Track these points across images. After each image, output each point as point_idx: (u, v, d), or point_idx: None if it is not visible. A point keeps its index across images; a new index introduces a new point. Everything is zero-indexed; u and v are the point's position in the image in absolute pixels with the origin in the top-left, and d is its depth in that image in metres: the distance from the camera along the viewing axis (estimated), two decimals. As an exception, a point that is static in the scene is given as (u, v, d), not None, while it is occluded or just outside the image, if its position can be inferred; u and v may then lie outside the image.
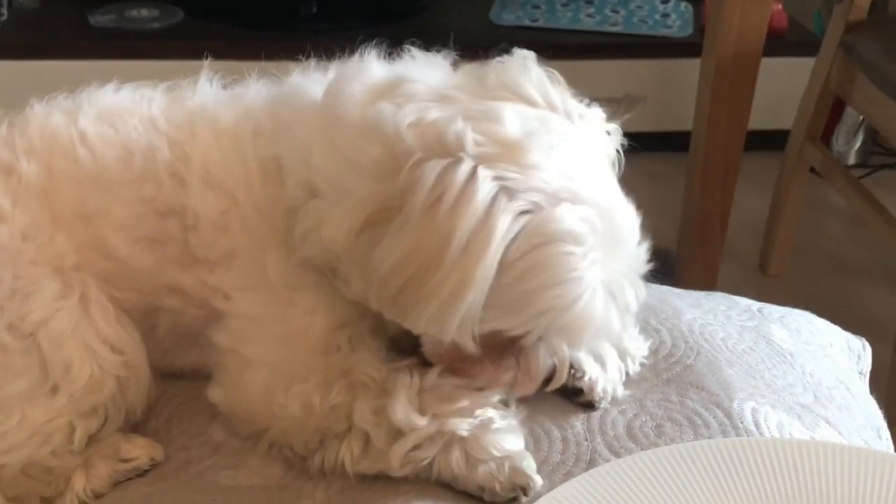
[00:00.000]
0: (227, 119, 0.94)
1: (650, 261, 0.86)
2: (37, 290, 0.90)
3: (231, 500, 0.87)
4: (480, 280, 0.76)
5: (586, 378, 0.93)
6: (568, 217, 0.78)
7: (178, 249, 0.93)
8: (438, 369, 0.87)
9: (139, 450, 0.93)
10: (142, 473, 0.92)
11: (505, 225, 0.76)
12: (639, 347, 0.98)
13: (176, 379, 1.00)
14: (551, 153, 0.80)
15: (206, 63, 1.00)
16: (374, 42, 0.92)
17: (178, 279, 0.93)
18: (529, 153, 0.79)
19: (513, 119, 0.80)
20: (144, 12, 2.74)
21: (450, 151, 0.78)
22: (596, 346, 0.92)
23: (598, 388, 0.93)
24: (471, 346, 0.81)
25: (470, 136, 0.78)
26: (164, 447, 0.94)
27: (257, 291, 0.90)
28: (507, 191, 0.77)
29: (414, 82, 0.85)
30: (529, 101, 0.84)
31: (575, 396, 0.93)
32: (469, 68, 0.89)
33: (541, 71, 0.87)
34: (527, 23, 2.81)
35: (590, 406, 0.93)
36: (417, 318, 0.80)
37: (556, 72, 0.88)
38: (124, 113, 0.97)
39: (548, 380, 0.88)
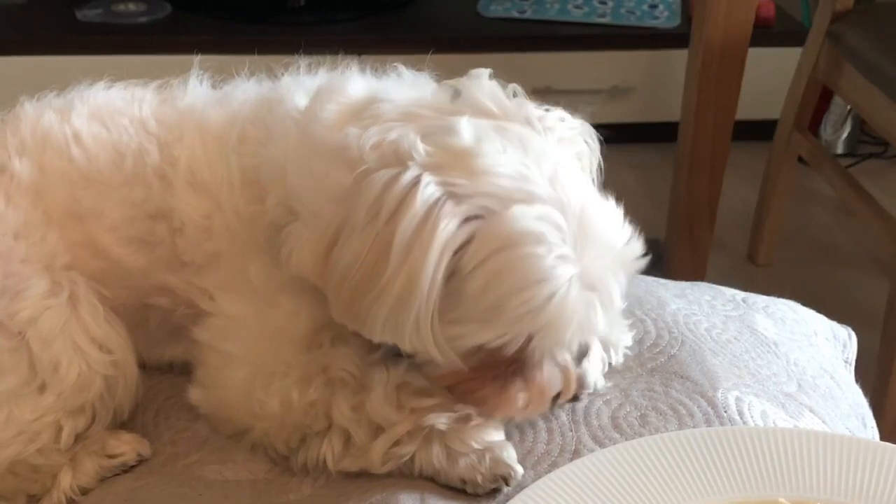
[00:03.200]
0: (214, 122, 0.94)
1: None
2: (26, 288, 0.90)
3: (218, 495, 0.87)
4: (425, 283, 0.76)
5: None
6: (523, 217, 0.77)
7: (167, 252, 0.93)
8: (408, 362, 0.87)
9: (126, 445, 0.93)
10: (128, 469, 0.93)
11: (449, 228, 0.76)
12: (622, 338, 0.98)
13: (163, 374, 1.01)
14: (503, 157, 0.79)
15: (196, 60, 1.00)
16: (358, 44, 0.91)
17: (168, 280, 0.93)
18: (479, 158, 0.78)
19: (466, 129, 0.80)
20: (132, 6, 2.73)
21: (400, 162, 0.78)
22: (585, 342, 0.89)
23: (590, 380, 0.93)
24: (456, 363, 0.81)
25: (420, 147, 0.78)
26: (150, 442, 0.94)
27: (241, 293, 0.90)
28: (452, 195, 0.77)
29: (383, 102, 0.85)
30: (486, 113, 0.84)
31: None
32: (443, 85, 0.89)
33: (493, 84, 0.87)
34: (515, 15, 2.81)
35: (573, 398, 0.93)
36: (372, 325, 0.79)
37: (517, 86, 0.88)
38: (116, 113, 0.97)
39: (557, 394, 0.87)
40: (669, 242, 2.29)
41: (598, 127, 0.92)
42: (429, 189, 0.76)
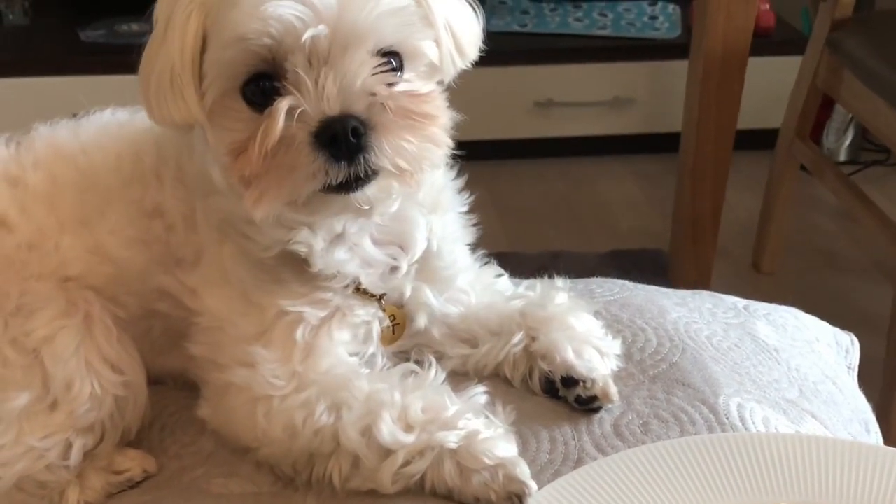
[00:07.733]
0: None
1: (642, 261, 0.85)
2: (42, 308, 0.91)
3: (223, 508, 0.88)
4: (185, 41, 0.90)
5: (599, 383, 0.93)
6: None
7: (162, 251, 0.95)
8: (424, 385, 0.88)
9: (132, 462, 0.94)
10: (135, 484, 0.93)
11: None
12: (609, 345, 0.97)
13: (169, 389, 1.01)
14: None
15: None
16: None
17: (164, 282, 0.95)
18: None
19: None
20: (135, 27, 2.74)
21: None
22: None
23: (612, 390, 0.93)
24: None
25: None
26: (156, 457, 0.95)
27: (220, 287, 0.91)
28: None
29: None
30: None
31: (590, 404, 0.93)
32: None
33: None
34: (516, 28, 2.82)
35: (594, 410, 0.93)
36: (155, 98, 0.87)
37: None
38: (120, 126, 1.00)
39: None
40: (674, 252, 2.29)
41: (601, 138, 0.92)
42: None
